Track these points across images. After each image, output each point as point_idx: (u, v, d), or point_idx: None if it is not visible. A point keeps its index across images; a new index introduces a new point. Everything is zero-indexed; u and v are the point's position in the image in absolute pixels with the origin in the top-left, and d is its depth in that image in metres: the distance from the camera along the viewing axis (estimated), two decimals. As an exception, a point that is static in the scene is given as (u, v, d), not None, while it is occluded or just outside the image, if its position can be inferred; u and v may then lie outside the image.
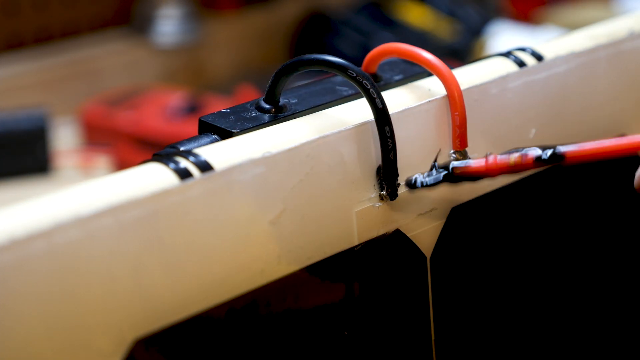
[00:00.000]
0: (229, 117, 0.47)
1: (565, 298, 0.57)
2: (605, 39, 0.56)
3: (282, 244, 0.44)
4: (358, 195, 0.47)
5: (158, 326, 0.41)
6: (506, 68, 0.52)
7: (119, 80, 1.29)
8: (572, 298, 0.58)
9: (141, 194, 0.40)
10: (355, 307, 0.47)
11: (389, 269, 0.48)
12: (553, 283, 0.56)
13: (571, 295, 0.58)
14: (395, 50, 0.50)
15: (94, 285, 0.39)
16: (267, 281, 0.44)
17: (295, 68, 0.46)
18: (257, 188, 0.43)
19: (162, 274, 0.41)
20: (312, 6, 1.47)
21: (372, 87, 0.45)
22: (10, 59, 1.24)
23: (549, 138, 0.54)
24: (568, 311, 0.58)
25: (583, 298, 0.58)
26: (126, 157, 1.10)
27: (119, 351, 0.40)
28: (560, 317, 0.57)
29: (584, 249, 0.58)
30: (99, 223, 0.39)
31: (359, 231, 0.47)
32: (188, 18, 1.35)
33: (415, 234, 0.49)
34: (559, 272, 0.57)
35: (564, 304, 0.57)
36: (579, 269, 0.58)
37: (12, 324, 0.37)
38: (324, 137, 0.45)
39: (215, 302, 0.42)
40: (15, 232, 0.37)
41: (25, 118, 1.10)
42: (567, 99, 0.55)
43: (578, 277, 0.58)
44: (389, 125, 0.46)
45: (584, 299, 0.58)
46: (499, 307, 0.54)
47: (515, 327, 0.55)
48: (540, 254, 0.55)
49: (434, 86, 0.49)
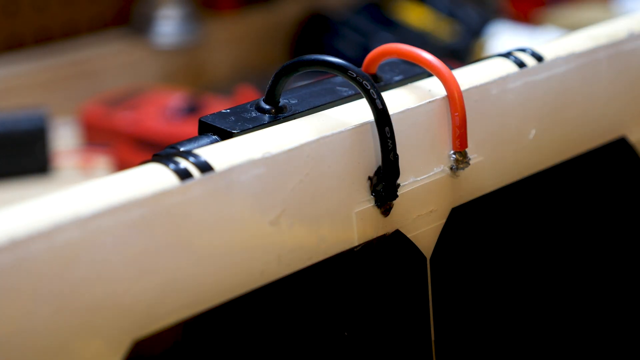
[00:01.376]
0: (229, 117, 0.47)
1: (566, 298, 0.57)
2: (606, 39, 0.56)
3: (282, 245, 0.44)
4: (358, 195, 0.47)
5: (158, 327, 0.41)
6: (506, 69, 0.52)
7: (119, 81, 1.30)
8: (572, 298, 0.58)
9: (141, 195, 0.40)
10: (355, 308, 0.47)
11: (388, 270, 0.48)
12: (553, 284, 0.56)
13: (572, 296, 0.58)
14: (396, 51, 0.50)
15: (94, 285, 0.39)
16: (267, 282, 0.44)
17: (296, 68, 0.46)
18: (257, 189, 0.43)
19: (161, 274, 0.41)
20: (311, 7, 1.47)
21: (372, 88, 0.45)
22: (9, 59, 1.24)
23: (549, 139, 0.54)
24: (569, 312, 0.58)
25: (584, 298, 0.58)
26: (126, 158, 1.10)
27: (119, 352, 0.40)
28: (560, 318, 0.57)
29: (585, 249, 0.58)
30: (99, 223, 0.39)
31: (359, 232, 0.47)
32: (188, 18, 1.35)
33: (415, 234, 0.49)
34: (560, 273, 0.57)
35: (564, 304, 0.57)
36: (580, 270, 0.58)
37: (12, 325, 0.37)
38: (324, 137, 0.45)
39: (215, 303, 0.42)
40: (15, 232, 0.37)
41: (25, 118, 1.10)
42: (567, 100, 0.55)
43: (579, 277, 0.58)
44: (389, 125, 0.46)
45: (584, 299, 0.58)
46: (499, 308, 0.54)
47: (515, 328, 0.55)
48: (541, 255, 0.55)
49: (434, 87, 0.49)
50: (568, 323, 0.58)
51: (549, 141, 0.54)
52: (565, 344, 0.58)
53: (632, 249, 0.60)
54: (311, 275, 0.45)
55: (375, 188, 0.47)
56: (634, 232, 0.60)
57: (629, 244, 0.60)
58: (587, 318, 0.59)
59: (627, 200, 0.59)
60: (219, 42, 1.39)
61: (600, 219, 0.58)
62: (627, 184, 0.59)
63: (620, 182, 0.59)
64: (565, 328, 0.58)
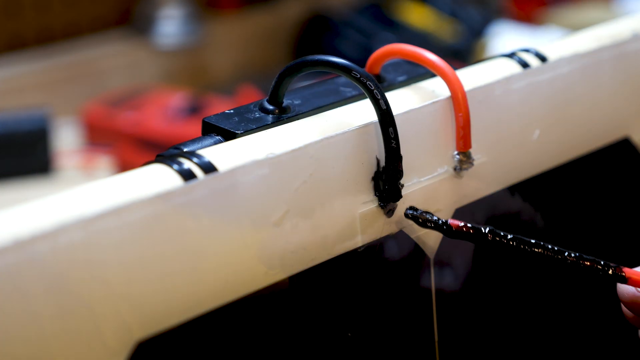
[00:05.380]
0: (233, 118, 0.46)
1: (569, 298, 0.57)
2: (609, 40, 0.56)
3: (285, 245, 0.44)
4: (362, 196, 0.47)
5: (162, 327, 0.41)
6: (510, 69, 0.52)
7: (121, 81, 1.30)
8: (575, 298, 0.58)
9: (145, 195, 0.40)
10: (359, 309, 0.47)
11: (392, 271, 0.48)
12: (557, 284, 0.56)
13: (575, 296, 0.58)
14: (399, 51, 0.49)
15: (97, 286, 0.39)
16: (270, 282, 0.44)
17: (299, 69, 0.46)
18: (261, 189, 0.43)
19: (165, 275, 0.41)
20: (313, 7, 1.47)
21: (376, 88, 0.45)
22: (11, 60, 1.24)
23: (553, 139, 0.54)
24: (571, 311, 0.58)
25: (587, 298, 0.58)
26: (128, 158, 1.10)
27: (123, 352, 0.40)
28: (562, 318, 0.57)
29: (589, 249, 0.58)
30: (103, 224, 0.39)
31: (363, 232, 0.47)
32: (189, 19, 1.35)
33: (419, 235, 0.49)
34: (563, 273, 0.56)
35: (567, 304, 0.57)
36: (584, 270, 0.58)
37: (17, 325, 0.37)
38: (328, 138, 0.45)
39: (219, 304, 0.42)
40: (19, 233, 0.37)
41: (27, 119, 1.10)
42: (571, 100, 0.55)
43: (582, 277, 0.58)
44: (392, 126, 0.46)
45: (587, 299, 0.58)
46: (503, 308, 0.54)
47: (518, 328, 0.55)
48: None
49: (437, 87, 0.49)
50: (569, 323, 0.58)
51: (552, 142, 0.54)
52: (566, 344, 0.58)
53: (636, 248, 0.60)
54: (315, 276, 0.45)
55: (379, 188, 0.47)
56: (638, 232, 0.60)
57: (633, 244, 0.60)
58: (588, 318, 0.59)
59: (630, 200, 0.59)
60: (221, 42, 1.39)
61: (604, 219, 0.58)
62: (631, 184, 0.59)
63: (623, 182, 0.59)
64: (566, 328, 0.58)
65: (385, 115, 0.46)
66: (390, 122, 0.46)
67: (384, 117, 0.46)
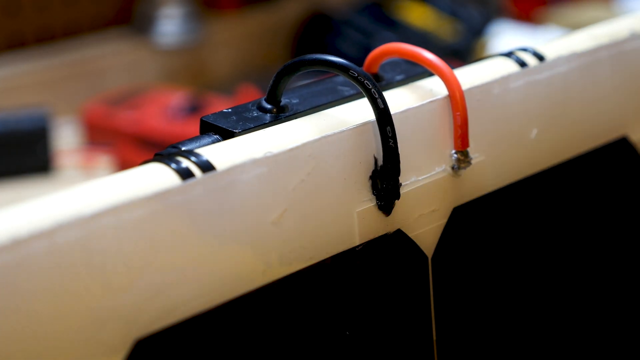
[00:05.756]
0: (231, 117, 0.47)
1: (567, 298, 0.57)
2: (607, 39, 0.56)
3: (283, 244, 0.44)
4: (360, 195, 0.47)
5: (160, 326, 0.41)
6: (508, 68, 0.52)
7: (120, 80, 1.30)
8: (574, 298, 0.58)
9: (143, 194, 0.40)
10: (357, 308, 0.47)
11: (390, 269, 0.48)
12: (555, 283, 0.56)
13: (573, 296, 0.58)
14: (397, 51, 0.50)
15: (95, 285, 0.39)
16: (268, 281, 0.44)
17: (297, 68, 0.46)
18: (259, 188, 0.43)
19: (163, 274, 0.41)
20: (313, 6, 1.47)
21: (374, 87, 0.45)
22: (11, 58, 1.24)
23: (551, 138, 0.54)
24: (570, 311, 0.58)
25: (585, 298, 0.58)
26: (127, 157, 1.10)
27: (121, 351, 0.40)
28: (562, 318, 0.57)
29: (587, 249, 0.58)
30: (101, 223, 0.39)
31: (361, 231, 0.47)
32: (189, 18, 1.35)
33: (416, 234, 0.49)
34: (562, 273, 0.57)
35: (566, 304, 0.57)
36: (582, 270, 0.58)
37: (14, 324, 0.37)
38: (326, 137, 0.45)
39: (217, 303, 0.42)
40: (17, 232, 0.37)
41: (27, 118, 1.10)
42: (569, 99, 0.55)
43: (580, 277, 0.58)
44: (390, 125, 0.46)
45: (585, 299, 0.58)
46: (501, 308, 0.54)
47: (517, 328, 0.55)
48: (543, 255, 0.55)
49: (435, 86, 0.49)
50: (569, 323, 0.58)
51: (550, 141, 0.54)
52: (566, 344, 0.58)
53: (633, 248, 0.60)
54: (313, 275, 0.46)
55: (376, 187, 0.47)
56: (635, 231, 0.60)
57: (630, 244, 0.60)
58: (588, 318, 0.59)
59: (628, 199, 0.59)
60: (220, 41, 1.39)
61: (602, 218, 0.58)
62: (629, 184, 0.59)
63: (621, 181, 0.59)
64: (566, 328, 0.58)
65: (383, 114, 0.46)
66: (388, 121, 0.46)
67: (382, 116, 0.46)
